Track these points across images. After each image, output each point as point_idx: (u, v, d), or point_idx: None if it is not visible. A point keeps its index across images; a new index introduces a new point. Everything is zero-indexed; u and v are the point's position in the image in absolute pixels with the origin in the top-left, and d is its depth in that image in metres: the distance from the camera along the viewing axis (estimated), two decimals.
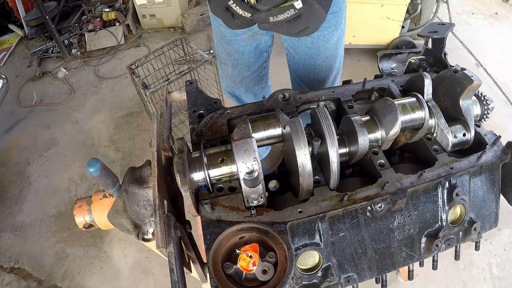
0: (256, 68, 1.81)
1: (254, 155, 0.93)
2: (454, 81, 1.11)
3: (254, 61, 1.76)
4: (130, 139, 3.24)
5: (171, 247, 0.86)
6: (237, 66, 1.76)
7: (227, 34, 1.61)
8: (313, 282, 0.99)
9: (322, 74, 1.69)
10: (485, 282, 2.29)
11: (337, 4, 1.47)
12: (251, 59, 1.73)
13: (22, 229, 2.72)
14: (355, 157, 1.08)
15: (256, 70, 1.81)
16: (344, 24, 1.59)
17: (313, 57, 1.62)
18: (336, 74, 1.76)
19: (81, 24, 4.53)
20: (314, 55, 1.61)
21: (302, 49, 1.61)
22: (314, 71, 1.67)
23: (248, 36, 1.61)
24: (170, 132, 1.16)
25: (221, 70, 1.90)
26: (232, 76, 1.84)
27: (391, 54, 3.36)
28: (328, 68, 1.68)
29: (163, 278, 2.37)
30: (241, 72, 1.79)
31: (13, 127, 3.52)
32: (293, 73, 1.80)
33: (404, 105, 1.08)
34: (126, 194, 1.02)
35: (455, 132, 1.11)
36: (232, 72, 1.81)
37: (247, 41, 1.64)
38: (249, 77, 1.82)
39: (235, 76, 1.83)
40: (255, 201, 0.96)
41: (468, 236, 1.12)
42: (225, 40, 1.65)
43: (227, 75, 1.87)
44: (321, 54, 1.60)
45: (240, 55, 1.69)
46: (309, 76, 1.71)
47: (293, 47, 1.64)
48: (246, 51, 1.68)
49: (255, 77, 1.85)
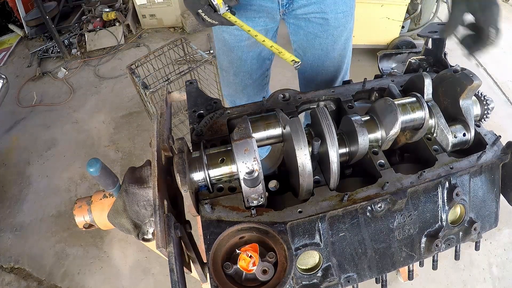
0: (258, 76, 1.78)
1: (254, 155, 0.93)
2: (454, 81, 1.11)
3: (256, 69, 1.74)
4: (130, 139, 3.24)
5: (171, 247, 0.86)
6: (239, 74, 1.74)
7: (230, 40, 1.59)
8: (313, 282, 0.99)
9: (331, 75, 1.68)
10: (485, 282, 2.29)
11: (348, 3, 1.46)
12: (253, 66, 1.71)
13: (22, 229, 2.72)
14: (355, 157, 1.08)
15: (258, 78, 1.79)
16: (352, 23, 1.58)
17: (321, 58, 1.61)
18: (344, 75, 1.75)
19: (81, 24, 4.53)
20: (322, 56, 1.60)
21: (310, 50, 1.60)
22: (322, 72, 1.66)
23: (251, 42, 1.59)
24: (170, 132, 1.16)
25: (223, 77, 1.88)
26: (234, 84, 1.82)
27: (391, 54, 3.36)
28: (336, 68, 1.67)
29: (163, 278, 2.37)
30: (243, 80, 1.77)
31: (13, 127, 3.52)
32: (301, 74, 1.78)
33: (404, 105, 1.08)
34: (126, 194, 1.02)
35: (455, 132, 1.11)
36: (234, 80, 1.79)
37: (250, 47, 1.62)
38: (251, 85, 1.80)
39: (237, 84, 1.81)
40: (255, 201, 0.96)
41: (468, 236, 1.12)
42: (227, 47, 1.63)
43: (229, 83, 1.85)
44: (329, 55, 1.59)
45: (242, 62, 1.67)
46: (317, 77, 1.70)
47: (302, 48, 1.63)
48: (249, 58, 1.67)
49: (257, 86, 1.82)
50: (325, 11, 1.44)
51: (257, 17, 1.48)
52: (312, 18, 1.48)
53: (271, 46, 1.17)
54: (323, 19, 1.46)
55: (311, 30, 1.52)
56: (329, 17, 1.46)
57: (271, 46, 1.17)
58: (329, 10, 1.44)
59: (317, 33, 1.51)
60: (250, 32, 1.21)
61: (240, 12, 1.45)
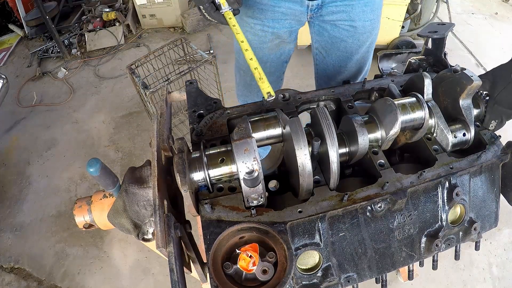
0: (274, 78, 1.78)
1: (254, 155, 0.93)
2: (454, 81, 1.11)
3: (274, 71, 1.73)
4: (130, 139, 3.24)
5: (171, 247, 0.86)
6: None
7: (253, 41, 1.57)
8: (313, 282, 0.99)
9: (352, 75, 1.68)
10: (485, 282, 2.29)
11: (375, 12, 1.47)
12: (271, 68, 1.70)
13: (22, 229, 2.72)
14: (355, 157, 1.08)
15: (274, 80, 1.78)
16: (378, 29, 1.58)
17: (345, 60, 1.60)
18: (364, 75, 1.75)
19: (81, 24, 4.53)
20: (346, 58, 1.59)
21: (334, 52, 1.59)
22: (344, 72, 1.66)
23: (274, 44, 1.58)
24: (170, 132, 1.16)
25: (240, 78, 1.86)
26: (250, 85, 1.81)
27: (391, 54, 3.35)
28: (358, 70, 1.66)
29: (163, 278, 2.37)
30: None
31: (13, 127, 3.52)
32: (320, 72, 1.77)
33: (404, 105, 1.08)
34: (126, 194, 1.02)
35: (455, 132, 1.10)
36: (250, 81, 1.78)
37: (272, 49, 1.61)
38: None
39: (253, 86, 1.79)
40: (255, 201, 0.96)
41: (468, 236, 1.12)
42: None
43: (245, 83, 1.84)
44: (353, 58, 1.59)
45: (263, 64, 1.64)
46: (337, 76, 1.69)
47: (325, 48, 1.62)
48: (269, 60, 1.66)
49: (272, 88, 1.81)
50: (354, 19, 1.44)
51: (284, 19, 1.47)
52: (340, 24, 1.47)
53: (255, 68, 1.14)
54: (351, 26, 1.47)
55: (337, 35, 1.52)
56: (357, 25, 1.46)
57: (255, 68, 1.14)
58: (357, 18, 1.44)
59: (343, 38, 1.52)
60: (242, 44, 1.18)
61: (267, 13, 1.44)
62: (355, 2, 1.40)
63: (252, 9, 1.45)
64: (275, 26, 1.48)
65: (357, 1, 1.40)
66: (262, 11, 1.44)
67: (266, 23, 1.48)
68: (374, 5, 1.44)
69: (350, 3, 1.40)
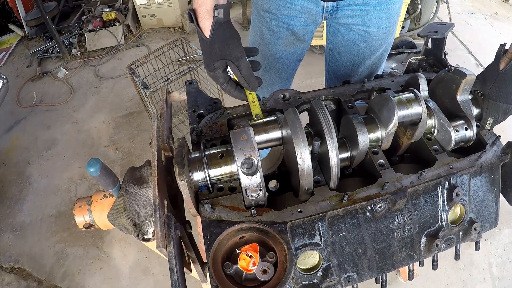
0: (285, 75, 1.76)
1: (251, 142, 0.92)
2: (449, 79, 1.11)
3: (285, 68, 1.72)
4: (130, 139, 3.24)
5: (171, 247, 0.86)
6: (269, 71, 1.71)
7: (268, 36, 1.56)
8: (313, 282, 0.99)
9: (363, 77, 1.65)
10: (485, 282, 2.29)
11: (391, 19, 1.45)
12: (284, 65, 1.69)
13: (22, 229, 2.72)
14: (356, 157, 1.08)
15: (285, 77, 1.77)
16: (393, 37, 1.57)
17: (356, 64, 1.60)
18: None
19: (81, 24, 4.53)
20: (358, 62, 1.59)
21: (347, 54, 1.59)
22: (354, 76, 1.65)
23: (289, 41, 1.57)
24: (170, 132, 1.16)
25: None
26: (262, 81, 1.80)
27: (391, 54, 3.35)
28: (369, 75, 1.65)
29: (163, 278, 2.37)
30: (271, 78, 1.74)
31: (13, 127, 3.52)
32: (331, 73, 1.76)
33: (400, 98, 1.07)
34: (126, 194, 1.02)
35: (456, 127, 1.10)
36: (262, 76, 1.76)
37: (286, 46, 1.60)
38: (278, 83, 1.78)
39: (265, 81, 1.75)
40: (254, 193, 0.95)
41: (468, 236, 1.12)
42: (263, 42, 1.60)
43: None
44: (365, 63, 1.58)
45: (275, 59, 1.65)
46: (348, 78, 1.67)
47: (338, 50, 1.61)
48: (282, 57, 1.65)
49: (282, 85, 1.80)
50: (368, 25, 1.43)
51: (299, 17, 1.47)
52: (354, 28, 1.47)
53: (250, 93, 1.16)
54: (365, 31, 1.46)
55: (351, 38, 1.51)
56: (371, 31, 1.45)
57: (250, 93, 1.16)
58: (372, 24, 1.43)
59: (356, 41, 1.51)
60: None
61: (283, 9, 1.44)
62: (371, 7, 1.38)
63: (269, 3, 1.45)
64: (290, 23, 1.48)
65: (373, 7, 1.38)
66: (279, 7, 1.44)
67: (281, 19, 1.47)
68: (391, 13, 1.43)
69: (366, 9, 1.39)
